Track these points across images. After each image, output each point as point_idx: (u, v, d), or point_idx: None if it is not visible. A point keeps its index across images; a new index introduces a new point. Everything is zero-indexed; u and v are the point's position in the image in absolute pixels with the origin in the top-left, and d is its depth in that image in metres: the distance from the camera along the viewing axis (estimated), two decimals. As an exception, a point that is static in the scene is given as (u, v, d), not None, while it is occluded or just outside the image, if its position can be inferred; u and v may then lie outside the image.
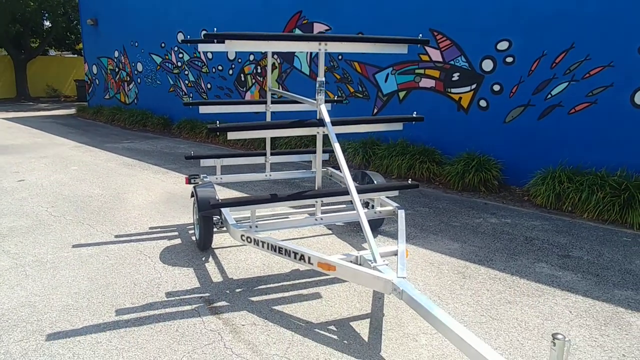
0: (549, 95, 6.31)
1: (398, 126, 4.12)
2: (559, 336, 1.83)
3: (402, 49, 3.89)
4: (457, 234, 4.87)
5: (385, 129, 4.10)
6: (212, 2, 11.42)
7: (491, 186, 6.63)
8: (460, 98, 7.33)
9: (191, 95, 12.62)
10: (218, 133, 3.86)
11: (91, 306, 3.25)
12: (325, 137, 3.80)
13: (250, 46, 3.48)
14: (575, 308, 3.32)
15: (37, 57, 24.31)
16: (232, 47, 3.36)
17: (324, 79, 3.71)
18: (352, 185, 3.43)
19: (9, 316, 3.11)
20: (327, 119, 3.68)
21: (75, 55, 27.40)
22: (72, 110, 17.78)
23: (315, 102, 3.81)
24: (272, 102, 5.13)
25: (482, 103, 7.06)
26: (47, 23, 24.20)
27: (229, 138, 3.58)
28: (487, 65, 6.91)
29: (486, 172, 6.62)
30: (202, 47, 4.62)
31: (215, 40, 3.36)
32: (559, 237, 4.80)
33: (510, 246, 4.52)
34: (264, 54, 10.40)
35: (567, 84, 6.11)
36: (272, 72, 10.34)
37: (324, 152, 5.18)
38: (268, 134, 3.77)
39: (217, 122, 3.68)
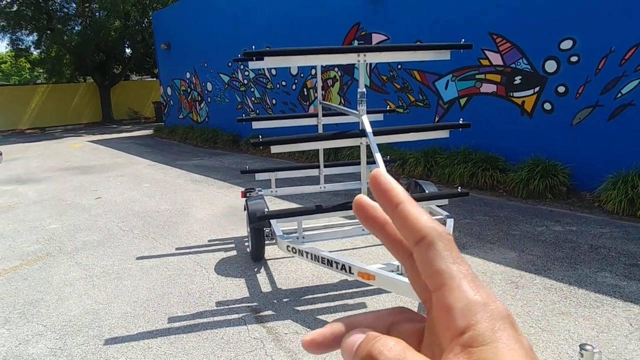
0: (619, 94, 5.90)
1: (444, 134, 4.04)
2: (587, 347, 1.72)
3: (444, 56, 3.83)
4: (515, 242, 4.67)
5: (431, 137, 4.04)
6: (272, 19, 11.82)
7: (558, 192, 6.28)
8: (524, 102, 7.03)
9: (257, 111, 13.06)
10: (261, 147, 4.01)
11: (147, 314, 3.47)
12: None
13: (289, 61, 3.59)
14: (636, 320, 3.07)
15: (120, 82, 26.26)
16: (272, 64, 3.48)
17: (364, 90, 3.74)
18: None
19: (74, 322, 3.40)
20: (368, 129, 3.70)
21: (154, 79, 29.29)
22: (150, 131, 18.99)
23: (357, 112, 3.84)
24: (324, 115, 5.21)
25: (547, 106, 6.73)
26: (127, 50, 26.12)
27: (272, 151, 3.70)
28: (551, 66, 6.60)
29: (552, 177, 6.28)
30: (252, 65, 4.80)
31: (254, 58, 3.51)
32: (629, 245, 4.45)
33: (572, 255, 4.26)
34: (325, 68, 10.57)
35: (638, 81, 5.69)
36: (333, 85, 10.50)
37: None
38: (311, 146, 3.85)
39: (260, 136, 3.81)
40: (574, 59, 6.31)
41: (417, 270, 0.32)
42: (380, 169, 0.35)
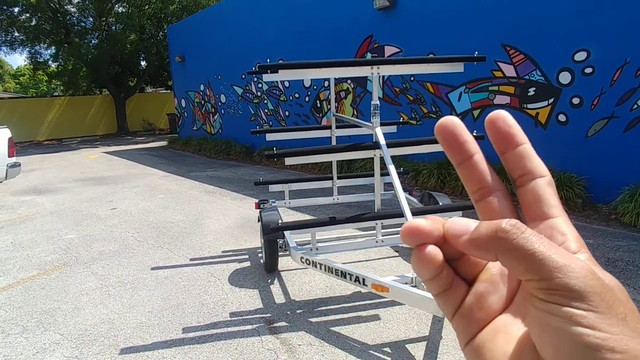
0: (635, 106, 5.85)
1: (458, 145, 4.03)
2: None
3: (458, 68, 3.85)
4: (530, 255, 4.61)
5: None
6: (284, 32, 11.94)
7: (574, 205, 6.22)
8: (538, 114, 7.00)
9: (270, 123, 13.15)
10: (276, 159, 4.03)
11: (162, 324, 3.49)
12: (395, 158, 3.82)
13: (303, 74, 3.63)
14: (656, 336, 3.01)
15: (135, 94, 26.66)
16: (286, 77, 3.52)
17: (378, 102, 3.76)
18: (406, 207, 3.41)
19: (90, 331, 3.43)
20: (382, 141, 3.71)
21: (168, 91, 29.69)
22: (164, 142, 19.20)
23: (371, 125, 3.86)
24: (337, 127, 5.24)
25: (561, 118, 6.69)
26: (142, 63, 26.53)
27: (286, 164, 3.73)
28: (565, 77, 6.57)
29: (567, 189, 6.23)
30: (266, 78, 4.86)
31: (269, 71, 3.55)
32: (647, 258, 4.39)
33: (589, 268, 4.20)
34: (337, 80, 10.64)
35: (654, 92, 5.65)
36: (346, 97, 10.55)
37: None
38: (324, 158, 3.87)
39: (274, 148, 3.85)
40: (588, 70, 6.28)
41: (491, 205, 0.36)
42: (501, 111, 0.38)
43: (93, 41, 24.14)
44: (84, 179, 11.07)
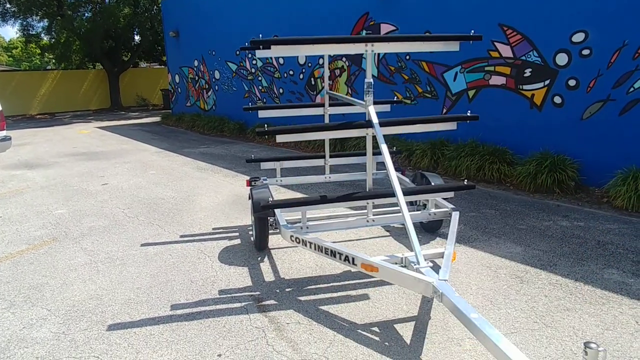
0: (632, 89, 5.81)
1: (451, 126, 4.00)
2: (592, 345, 1.70)
3: (453, 47, 3.78)
4: (521, 237, 4.63)
5: (438, 128, 4.00)
6: (280, 8, 11.73)
7: (566, 187, 6.22)
8: (533, 95, 6.95)
9: (264, 100, 13.03)
10: (267, 136, 3.97)
11: (150, 301, 3.48)
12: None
13: (296, 50, 3.56)
14: (643, 319, 3.04)
15: (129, 69, 26.28)
16: (278, 53, 3.45)
17: (371, 80, 3.70)
18: (397, 186, 3.39)
19: (78, 307, 3.42)
20: (374, 119, 3.67)
21: (162, 66, 29.28)
22: (158, 118, 19.00)
23: (364, 103, 3.81)
24: (331, 105, 5.18)
25: (557, 99, 6.65)
26: (136, 37, 26.10)
27: (277, 141, 3.68)
28: (562, 59, 6.50)
29: (561, 172, 6.22)
30: (259, 54, 4.76)
31: (261, 47, 3.47)
32: (637, 241, 4.40)
33: (579, 251, 4.22)
34: (332, 58, 10.51)
35: (651, 75, 5.60)
36: (340, 75, 10.43)
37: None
38: (316, 136, 3.82)
39: (265, 125, 3.79)
40: (585, 52, 6.21)
41: None
42: None
43: (86, 14, 23.69)
44: (76, 153, 10.96)
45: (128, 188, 7.20)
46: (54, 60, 28.93)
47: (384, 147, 3.55)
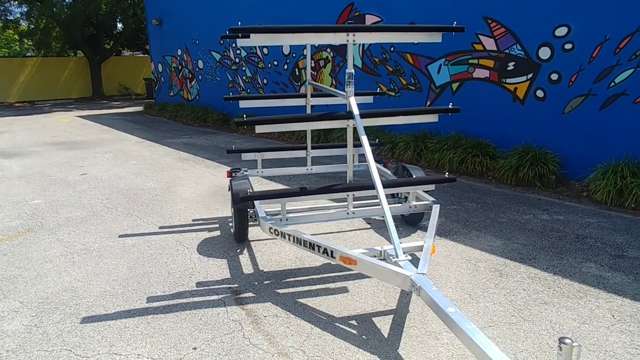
0: (612, 84, 5.85)
1: (433, 118, 3.98)
2: (567, 340, 1.69)
3: (436, 38, 3.75)
4: (502, 230, 4.65)
5: (418, 120, 3.97)
6: (266, -1, 11.60)
7: (547, 181, 6.26)
8: (516, 88, 6.97)
9: (248, 90, 12.90)
10: (246, 126, 3.90)
11: (126, 293, 3.41)
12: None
13: (277, 39, 3.49)
14: (619, 312, 3.07)
15: (111, 57, 25.79)
16: (258, 41, 3.38)
17: (352, 71, 3.65)
18: (377, 179, 3.36)
19: (52, 299, 3.34)
20: (355, 111, 3.63)
21: (146, 55, 28.83)
22: (140, 108, 18.71)
23: (345, 94, 3.76)
24: (314, 96, 5.12)
25: (539, 93, 6.68)
26: (119, 25, 25.64)
27: (256, 131, 3.62)
28: (545, 53, 6.52)
29: (542, 166, 6.26)
30: (239, 42, 4.68)
31: (240, 35, 3.40)
32: (616, 235, 4.45)
33: (559, 244, 4.25)
34: (316, 48, 10.43)
35: (632, 70, 5.64)
36: (325, 65, 10.36)
37: (370, 145, 5.11)
38: (296, 127, 3.77)
39: (244, 115, 3.72)
40: (568, 46, 6.24)
41: None
42: None
43: (67, 0, 23.14)
44: (55, 143, 10.74)
45: (107, 178, 7.08)
46: (32, 47, 28.27)
47: (364, 139, 3.52)
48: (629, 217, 5.02)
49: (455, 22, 3.75)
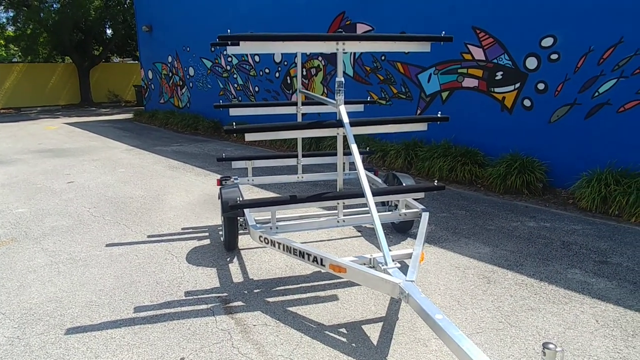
0: (596, 93, 5.94)
1: (422, 126, 4.01)
2: (550, 345, 1.71)
3: (424, 47, 3.78)
4: (490, 237, 4.68)
5: (408, 129, 4.00)
6: (255, 6, 11.64)
7: (534, 189, 6.33)
8: (504, 98, 7.05)
9: (240, 98, 12.89)
10: (236, 134, 3.90)
11: (112, 303, 3.38)
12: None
13: (267, 47, 3.50)
14: (602, 317, 3.10)
15: (100, 64, 25.66)
16: (248, 49, 3.39)
17: (342, 79, 3.68)
18: (367, 187, 3.37)
19: (35, 310, 3.29)
20: (345, 119, 3.64)
21: (136, 62, 28.72)
22: (130, 115, 18.63)
23: (335, 102, 3.78)
24: (304, 104, 5.13)
25: (527, 102, 6.76)
26: (108, 31, 25.53)
27: (246, 140, 3.62)
28: (531, 62, 6.61)
29: (529, 174, 6.33)
30: (229, 50, 4.68)
31: (230, 43, 3.41)
32: (600, 242, 4.50)
33: (545, 251, 4.29)
34: (308, 57, 10.46)
35: (615, 80, 5.73)
36: (316, 74, 10.39)
37: (361, 153, 5.13)
38: (286, 135, 3.77)
39: (234, 123, 3.71)
40: (554, 56, 6.33)
41: None
42: None
43: (55, 5, 23.00)
44: (42, 150, 10.64)
45: (95, 186, 7.01)
46: (19, 53, 28.04)
47: (354, 147, 3.53)
48: (613, 224, 5.08)
49: (444, 32, 3.79)
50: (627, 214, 5.19)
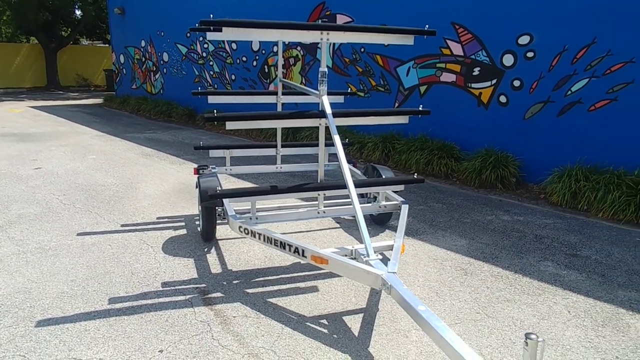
0: (569, 92, 6.08)
1: (404, 119, 4.02)
2: (532, 336, 1.76)
3: (408, 40, 3.78)
4: (466, 230, 4.75)
5: (390, 122, 4.00)
6: (233, -7, 11.44)
7: (508, 183, 6.45)
8: (481, 93, 7.14)
9: (215, 86, 12.69)
10: (216, 122, 3.83)
11: (85, 294, 3.28)
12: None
13: (250, 35, 3.43)
14: (574, 308, 3.20)
15: (68, 46, 24.83)
16: (231, 36, 3.32)
17: (326, 69, 3.65)
18: (349, 178, 3.36)
19: (2, 302, 3.15)
20: (328, 110, 3.62)
21: (107, 45, 27.92)
22: (100, 100, 18.13)
23: (318, 92, 3.75)
24: (284, 94, 5.08)
25: (502, 99, 6.86)
26: (77, 12, 24.70)
27: (227, 128, 3.55)
28: (508, 60, 6.70)
29: (503, 168, 6.44)
30: (210, 36, 4.57)
31: (212, 28, 3.33)
32: (570, 235, 4.63)
33: (519, 244, 4.38)
34: (286, 46, 10.36)
35: (587, 80, 5.87)
36: (295, 64, 10.30)
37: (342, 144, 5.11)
38: (268, 124, 3.73)
39: (215, 111, 3.64)
40: (530, 54, 6.43)
41: None
42: None
43: (19, -18, 22.10)
44: (5, 134, 10.24)
45: (64, 173, 6.80)
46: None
47: (336, 138, 3.51)
48: (582, 218, 5.23)
49: (427, 26, 3.79)
50: (595, 209, 5.34)
